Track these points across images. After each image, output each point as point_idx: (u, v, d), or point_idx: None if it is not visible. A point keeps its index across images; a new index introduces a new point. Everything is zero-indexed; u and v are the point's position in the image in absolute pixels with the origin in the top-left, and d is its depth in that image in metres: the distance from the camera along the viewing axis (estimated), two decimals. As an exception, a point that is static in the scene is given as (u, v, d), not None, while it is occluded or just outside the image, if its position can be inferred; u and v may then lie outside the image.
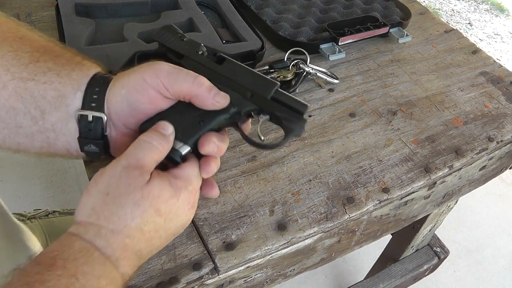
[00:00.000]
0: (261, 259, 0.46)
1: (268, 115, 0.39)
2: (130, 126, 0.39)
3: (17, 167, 1.58)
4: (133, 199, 0.34)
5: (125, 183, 0.34)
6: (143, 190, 0.34)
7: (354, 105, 0.64)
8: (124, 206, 0.33)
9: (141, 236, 0.34)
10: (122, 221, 0.33)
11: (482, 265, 1.50)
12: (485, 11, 3.03)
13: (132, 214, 0.33)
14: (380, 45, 0.77)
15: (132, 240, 0.34)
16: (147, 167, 0.35)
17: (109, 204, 0.33)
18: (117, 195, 0.34)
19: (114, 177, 0.34)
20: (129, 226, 0.33)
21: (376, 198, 0.52)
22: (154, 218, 0.34)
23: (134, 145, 0.36)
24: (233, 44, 0.66)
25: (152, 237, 0.35)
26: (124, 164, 0.34)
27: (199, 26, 0.68)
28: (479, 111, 0.66)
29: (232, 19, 0.72)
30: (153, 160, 0.35)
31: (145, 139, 0.36)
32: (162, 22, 0.68)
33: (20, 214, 0.70)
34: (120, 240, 0.33)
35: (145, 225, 0.34)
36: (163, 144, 0.36)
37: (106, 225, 0.33)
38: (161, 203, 0.35)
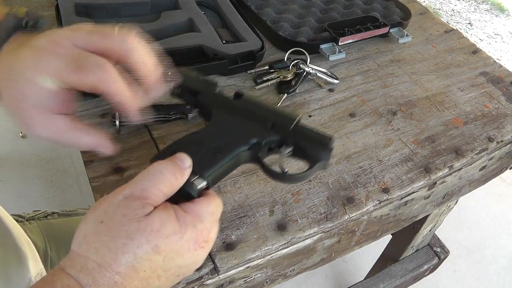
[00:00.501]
0: (261, 259, 0.46)
1: (291, 147, 0.36)
2: None
3: (17, 167, 1.58)
4: (127, 231, 0.30)
5: (121, 213, 0.30)
6: (140, 223, 0.30)
7: (354, 105, 0.64)
8: (116, 239, 0.29)
9: (134, 275, 0.30)
10: (111, 255, 0.29)
11: (482, 265, 1.50)
12: (485, 11, 3.03)
13: (124, 248, 0.29)
14: (380, 45, 0.77)
15: (123, 278, 0.29)
16: (151, 199, 0.31)
17: (101, 234, 0.30)
18: (111, 225, 0.30)
19: (112, 205, 0.31)
20: (119, 262, 0.29)
21: (376, 198, 0.52)
22: (150, 255, 0.30)
23: (143, 173, 0.32)
24: (233, 44, 0.66)
25: (147, 277, 0.31)
26: (126, 194, 0.31)
27: (199, 26, 0.68)
28: (479, 111, 0.66)
29: (232, 19, 0.72)
30: (161, 192, 0.32)
31: (157, 168, 0.32)
32: (162, 22, 0.67)
33: (19, 215, 0.70)
34: (108, 277, 0.29)
35: (139, 263, 0.30)
36: (177, 176, 0.32)
37: (94, 258, 0.29)
38: (160, 238, 0.30)
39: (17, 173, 1.55)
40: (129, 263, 0.29)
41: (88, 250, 0.30)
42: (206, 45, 0.65)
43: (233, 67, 0.65)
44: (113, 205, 0.31)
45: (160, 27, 0.67)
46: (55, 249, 0.68)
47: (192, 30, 0.69)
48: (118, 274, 0.29)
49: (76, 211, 0.77)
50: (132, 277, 0.30)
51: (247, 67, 0.66)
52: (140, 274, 0.30)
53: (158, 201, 0.32)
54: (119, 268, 0.29)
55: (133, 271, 0.30)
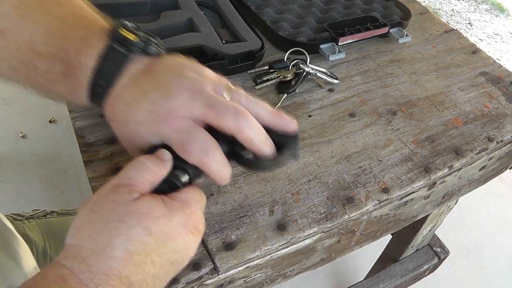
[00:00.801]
0: (261, 259, 0.46)
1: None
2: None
3: (17, 167, 1.58)
4: (118, 215, 0.30)
5: (111, 199, 0.31)
6: (129, 206, 0.31)
7: (354, 105, 0.64)
8: (108, 223, 0.30)
9: (128, 259, 0.30)
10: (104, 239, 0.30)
11: (482, 265, 1.50)
12: (485, 11, 3.03)
13: (116, 231, 0.30)
14: (380, 45, 0.77)
15: (117, 263, 0.30)
16: (137, 186, 0.32)
17: (93, 222, 0.30)
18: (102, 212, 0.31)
19: (101, 195, 0.32)
20: (113, 245, 0.29)
21: (376, 198, 0.52)
22: (142, 237, 0.30)
23: (127, 166, 0.34)
24: (233, 44, 0.67)
25: (142, 262, 0.31)
26: (113, 183, 0.33)
27: (199, 26, 0.68)
28: (479, 111, 0.66)
29: (232, 19, 0.72)
30: (145, 180, 0.33)
31: (140, 160, 0.34)
32: (162, 22, 0.68)
33: (18, 214, 0.70)
34: (102, 262, 0.29)
35: (132, 245, 0.30)
36: (158, 166, 0.34)
37: (88, 245, 0.30)
38: (150, 220, 0.31)
39: (17, 173, 1.55)
40: (122, 246, 0.30)
41: (81, 238, 0.30)
42: (206, 45, 0.65)
43: (233, 67, 0.65)
44: (102, 195, 0.32)
45: (160, 27, 0.67)
46: (54, 247, 0.68)
47: (192, 30, 0.69)
48: (112, 258, 0.29)
49: (75, 210, 0.77)
50: (126, 262, 0.30)
51: (247, 67, 0.67)
52: (135, 258, 0.30)
53: (144, 189, 0.33)
54: (113, 251, 0.30)
55: (127, 255, 0.30)
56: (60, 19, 0.37)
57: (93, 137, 0.54)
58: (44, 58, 0.36)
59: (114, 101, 0.37)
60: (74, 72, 0.37)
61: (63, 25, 0.36)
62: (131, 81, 0.37)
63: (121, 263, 0.30)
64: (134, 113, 0.36)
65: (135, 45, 0.37)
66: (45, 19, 0.36)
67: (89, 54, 0.36)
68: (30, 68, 0.37)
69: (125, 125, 0.37)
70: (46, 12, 0.36)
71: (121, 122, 0.38)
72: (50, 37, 0.36)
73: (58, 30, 0.36)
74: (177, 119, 0.35)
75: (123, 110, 0.37)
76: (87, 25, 0.38)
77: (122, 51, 0.37)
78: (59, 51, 0.36)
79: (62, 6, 0.37)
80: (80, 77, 0.37)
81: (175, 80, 0.37)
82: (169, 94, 0.36)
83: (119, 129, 0.39)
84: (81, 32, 0.37)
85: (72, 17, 0.37)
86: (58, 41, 0.36)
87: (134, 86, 0.37)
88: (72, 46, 0.36)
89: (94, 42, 0.37)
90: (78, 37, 0.37)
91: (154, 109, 0.36)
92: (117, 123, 0.38)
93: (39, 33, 0.36)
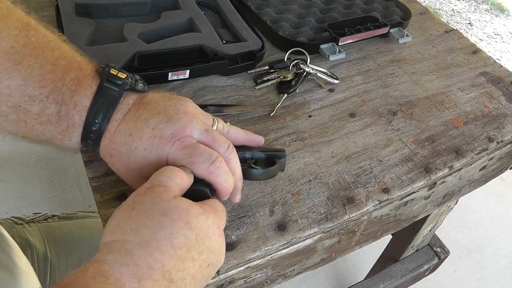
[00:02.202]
0: (261, 259, 0.46)
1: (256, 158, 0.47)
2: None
3: (17, 167, 1.58)
4: (160, 209, 0.32)
5: (150, 197, 0.33)
6: (170, 202, 0.33)
7: (354, 105, 0.64)
8: (152, 217, 0.31)
9: (172, 252, 0.31)
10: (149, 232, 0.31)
11: (482, 265, 1.50)
12: (485, 11, 3.03)
13: (160, 223, 0.31)
14: (380, 45, 0.77)
15: (162, 255, 0.30)
16: (170, 188, 0.34)
17: (135, 217, 0.31)
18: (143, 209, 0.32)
19: (138, 195, 0.33)
20: (158, 238, 0.30)
21: (376, 198, 0.52)
22: (184, 230, 0.32)
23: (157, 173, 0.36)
24: (233, 44, 0.66)
25: (184, 257, 0.31)
26: (147, 186, 0.34)
27: (199, 26, 0.68)
28: (479, 111, 0.66)
29: (232, 19, 0.72)
30: (175, 183, 0.35)
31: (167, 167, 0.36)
32: (162, 22, 0.68)
33: (19, 218, 0.70)
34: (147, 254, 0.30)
35: (175, 238, 0.31)
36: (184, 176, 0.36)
37: (132, 238, 0.30)
38: (191, 216, 0.33)
39: (17, 173, 1.55)
40: (166, 238, 0.31)
41: (124, 233, 0.31)
42: (206, 45, 0.64)
43: (233, 67, 0.65)
44: (139, 195, 0.33)
45: (160, 27, 0.67)
46: (55, 252, 0.68)
47: (192, 30, 0.69)
48: (157, 250, 0.30)
49: (76, 214, 0.77)
50: (170, 255, 0.31)
51: (247, 67, 0.66)
52: (177, 251, 0.31)
53: (176, 192, 0.34)
54: (158, 243, 0.30)
55: (170, 248, 0.31)
56: (52, 63, 0.38)
57: (93, 137, 0.54)
58: (37, 101, 0.37)
59: (113, 136, 0.40)
60: (69, 113, 0.38)
61: (56, 68, 0.38)
62: (127, 115, 0.40)
63: (166, 256, 0.31)
64: (139, 142, 0.39)
65: (125, 83, 0.40)
66: (38, 64, 0.37)
67: (83, 94, 0.38)
68: (20, 112, 0.37)
69: (129, 156, 0.40)
70: (38, 57, 0.37)
71: (124, 154, 0.40)
72: (43, 80, 0.37)
73: (51, 73, 0.37)
74: (181, 138, 0.39)
75: (125, 142, 0.39)
76: (79, 67, 0.39)
77: (114, 88, 0.39)
78: (53, 93, 0.37)
79: (53, 51, 0.38)
80: (75, 117, 0.39)
81: (171, 106, 0.41)
82: (170, 118, 0.39)
83: (122, 162, 0.40)
84: (74, 74, 0.38)
85: (64, 60, 0.39)
86: (52, 84, 0.37)
87: (131, 118, 0.40)
88: (66, 88, 0.38)
89: (86, 82, 0.39)
90: (71, 78, 0.38)
91: (157, 134, 0.39)
92: (119, 156, 0.40)
93: (32, 77, 0.37)
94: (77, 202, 1.48)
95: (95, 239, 0.72)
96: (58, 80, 0.38)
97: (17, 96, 0.36)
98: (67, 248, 0.69)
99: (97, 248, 0.31)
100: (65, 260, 0.68)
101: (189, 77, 0.62)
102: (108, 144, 0.40)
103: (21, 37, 0.36)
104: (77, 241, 0.71)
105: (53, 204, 1.48)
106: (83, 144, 0.41)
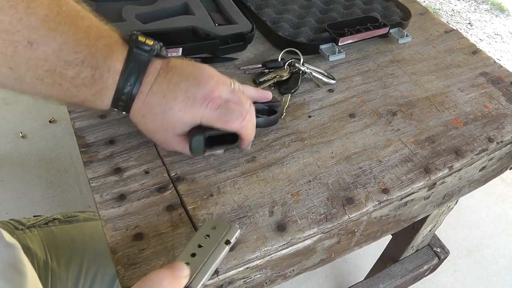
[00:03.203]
0: (261, 260, 0.46)
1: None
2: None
3: (17, 167, 1.58)
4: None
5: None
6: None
7: (354, 105, 0.64)
8: None
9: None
10: None
11: (482, 265, 1.50)
12: (485, 11, 3.03)
13: None
14: (380, 45, 0.77)
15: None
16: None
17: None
18: None
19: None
20: None
21: (376, 198, 0.52)
22: None
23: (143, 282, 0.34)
24: (224, 26, 0.70)
25: None
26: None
27: (193, 9, 0.71)
28: (479, 112, 0.66)
29: (226, 4, 0.75)
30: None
31: (155, 279, 0.34)
32: (159, 5, 0.70)
33: (20, 222, 0.69)
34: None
35: None
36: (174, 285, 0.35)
37: None
38: None
39: (17, 173, 1.55)
40: None
41: None
42: (199, 26, 0.67)
43: (224, 47, 0.68)
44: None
45: (157, 9, 0.70)
46: (55, 259, 0.67)
47: (187, 13, 0.71)
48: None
49: (77, 217, 0.76)
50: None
51: (238, 47, 0.70)
52: None
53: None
54: None
55: None
56: (85, 31, 0.41)
57: (93, 138, 0.54)
58: (72, 65, 0.40)
59: (146, 97, 0.44)
60: (103, 76, 0.41)
61: (88, 36, 0.41)
62: (158, 78, 0.44)
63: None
64: (173, 103, 0.44)
65: (153, 49, 0.44)
66: (72, 31, 0.40)
67: (115, 59, 0.42)
68: (56, 76, 0.40)
69: (164, 116, 0.44)
70: (71, 24, 0.40)
71: (159, 114, 0.44)
72: (78, 46, 0.40)
73: (85, 39, 0.40)
74: (213, 100, 0.45)
75: (159, 103, 0.44)
76: (108, 35, 0.43)
77: (143, 54, 0.43)
78: (88, 58, 0.40)
79: (83, 20, 0.41)
80: (109, 80, 0.42)
81: (197, 72, 0.45)
82: (199, 82, 0.44)
83: (155, 122, 0.45)
84: (105, 41, 0.42)
85: (95, 28, 0.42)
86: (86, 49, 0.40)
87: (163, 81, 0.44)
88: (99, 53, 0.41)
89: (117, 48, 0.42)
90: (103, 44, 0.41)
91: (191, 96, 0.44)
92: (152, 116, 0.45)
93: (67, 43, 0.39)
94: (77, 202, 1.48)
95: (96, 245, 0.71)
96: (91, 46, 0.40)
97: (53, 61, 0.39)
98: (68, 255, 0.69)
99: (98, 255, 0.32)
100: (65, 267, 0.68)
101: (181, 54, 0.65)
102: (142, 105, 0.44)
103: (53, 6, 0.38)
104: (78, 248, 0.70)
105: (53, 204, 1.48)
106: (113, 105, 0.44)
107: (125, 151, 0.53)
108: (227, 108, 0.45)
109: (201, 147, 0.49)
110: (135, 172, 0.51)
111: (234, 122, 0.45)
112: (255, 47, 0.72)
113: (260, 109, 0.55)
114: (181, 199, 0.49)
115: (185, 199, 0.49)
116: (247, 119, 0.46)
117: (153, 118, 0.45)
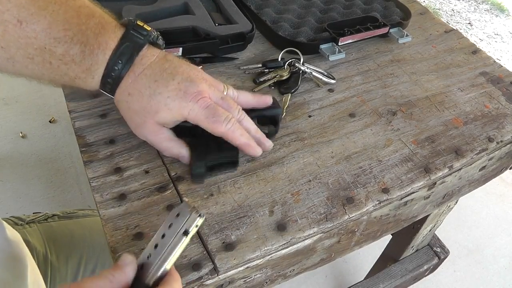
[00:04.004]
0: (261, 259, 0.46)
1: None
2: None
3: (17, 167, 1.58)
4: None
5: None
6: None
7: (354, 105, 0.64)
8: None
9: None
10: None
11: (482, 265, 1.50)
12: (485, 11, 3.03)
13: None
14: (380, 45, 0.77)
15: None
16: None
17: None
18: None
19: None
20: None
21: (376, 198, 0.52)
22: None
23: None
24: (224, 26, 0.69)
25: None
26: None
27: (193, 9, 0.71)
28: (479, 111, 0.66)
29: (226, 4, 0.75)
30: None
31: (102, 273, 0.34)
32: (159, 5, 0.70)
33: (19, 218, 0.70)
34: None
35: None
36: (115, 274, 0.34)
37: None
38: None
39: (17, 173, 1.55)
40: None
41: None
42: (199, 26, 0.67)
43: (224, 47, 0.68)
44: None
45: (157, 9, 0.70)
46: (55, 253, 0.68)
47: (187, 13, 0.71)
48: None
49: (76, 213, 0.77)
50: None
51: (238, 47, 0.70)
52: None
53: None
54: None
55: None
56: (75, 10, 0.41)
57: (93, 138, 0.54)
58: (62, 43, 0.40)
59: (137, 77, 0.44)
60: (93, 52, 0.41)
61: (79, 14, 0.41)
62: (153, 63, 0.44)
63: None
64: (163, 89, 0.44)
65: (149, 34, 0.44)
66: (62, 10, 0.40)
67: (108, 36, 0.42)
68: (46, 54, 0.40)
69: (150, 98, 0.44)
70: (62, 4, 0.40)
71: (146, 95, 0.44)
72: (68, 24, 0.40)
73: (75, 18, 0.40)
74: (203, 98, 0.45)
75: (149, 86, 0.44)
76: (101, 16, 0.43)
77: (139, 37, 0.43)
78: (78, 35, 0.40)
79: (75, 0, 0.41)
80: (99, 55, 0.42)
81: (192, 71, 0.46)
82: (193, 80, 0.45)
83: (140, 102, 0.44)
84: (97, 20, 0.42)
85: (86, 8, 0.42)
86: (76, 27, 0.40)
87: (157, 67, 0.44)
88: (90, 31, 0.41)
89: (110, 28, 0.42)
90: (94, 23, 0.42)
91: (183, 88, 0.44)
92: (139, 96, 0.44)
93: (57, 21, 0.39)
94: (77, 202, 1.48)
95: (95, 239, 0.72)
96: (82, 24, 0.41)
97: (42, 38, 0.39)
98: (67, 249, 0.69)
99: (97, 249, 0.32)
100: (65, 261, 0.68)
101: (181, 54, 0.64)
102: (131, 83, 0.44)
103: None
104: (77, 242, 0.71)
105: (53, 204, 1.48)
106: (102, 83, 0.44)
107: (125, 150, 0.53)
108: (216, 109, 0.45)
109: (202, 174, 0.49)
110: (135, 171, 0.51)
111: (220, 124, 0.45)
112: (255, 47, 0.72)
113: (261, 117, 0.54)
114: (181, 198, 0.49)
115: (185, 199, 0.49)
116: (235, 126, 0.46)
117: (138, 98, 0.44)
